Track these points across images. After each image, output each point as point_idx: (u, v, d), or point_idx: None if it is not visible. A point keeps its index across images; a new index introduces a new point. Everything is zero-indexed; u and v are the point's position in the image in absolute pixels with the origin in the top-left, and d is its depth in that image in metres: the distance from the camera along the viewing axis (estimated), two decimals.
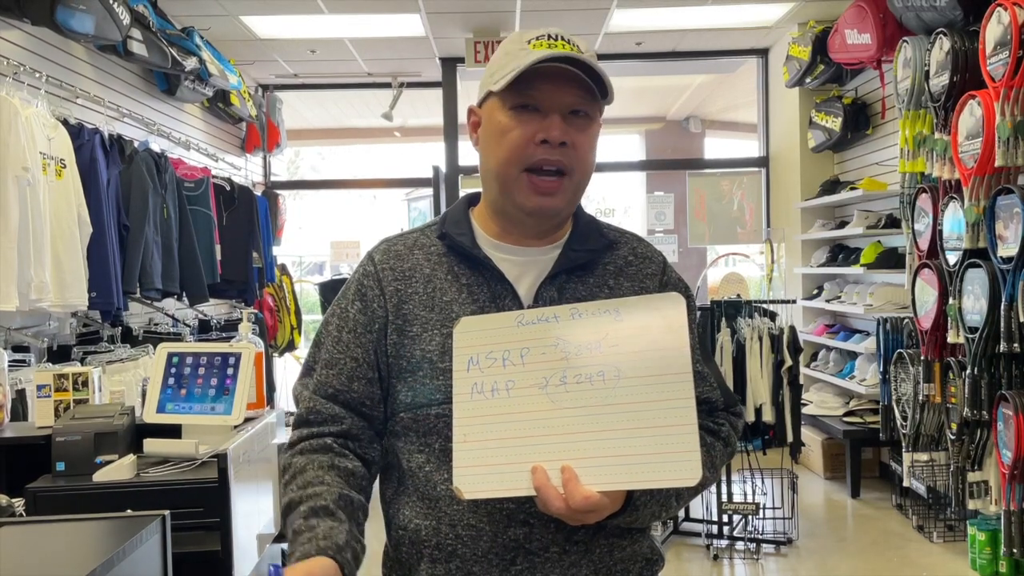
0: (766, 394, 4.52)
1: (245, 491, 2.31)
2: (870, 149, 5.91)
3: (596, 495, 1.12)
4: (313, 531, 1.19)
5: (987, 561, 3.96)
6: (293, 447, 1.34)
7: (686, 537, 4.69)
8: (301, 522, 1.21)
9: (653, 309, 1.19)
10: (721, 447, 1.36)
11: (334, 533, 1.19)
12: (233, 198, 5.67)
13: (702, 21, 6.23)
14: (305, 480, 1.26)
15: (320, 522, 1.20)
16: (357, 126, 10.25)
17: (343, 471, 1.29)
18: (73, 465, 2.17)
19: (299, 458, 1.30)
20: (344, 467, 1.29)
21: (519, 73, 1.25)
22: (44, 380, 2.51)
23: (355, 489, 1.29)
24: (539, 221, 1.34)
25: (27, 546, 1.29)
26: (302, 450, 1.32)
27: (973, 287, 3.75)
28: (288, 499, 1.26)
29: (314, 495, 1.23)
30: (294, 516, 1.23)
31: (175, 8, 5.32)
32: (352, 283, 1.39)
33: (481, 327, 1.22)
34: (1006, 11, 3.46)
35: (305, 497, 1.24)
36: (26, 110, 3.39)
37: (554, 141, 1.26)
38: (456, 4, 5.72)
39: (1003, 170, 3.62)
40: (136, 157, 4.27)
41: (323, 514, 1.21)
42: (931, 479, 4.40)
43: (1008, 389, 3.59)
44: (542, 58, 1.24)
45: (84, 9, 3.60)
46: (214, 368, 2.26)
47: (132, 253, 4.11)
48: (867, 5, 4.98)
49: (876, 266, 5.28)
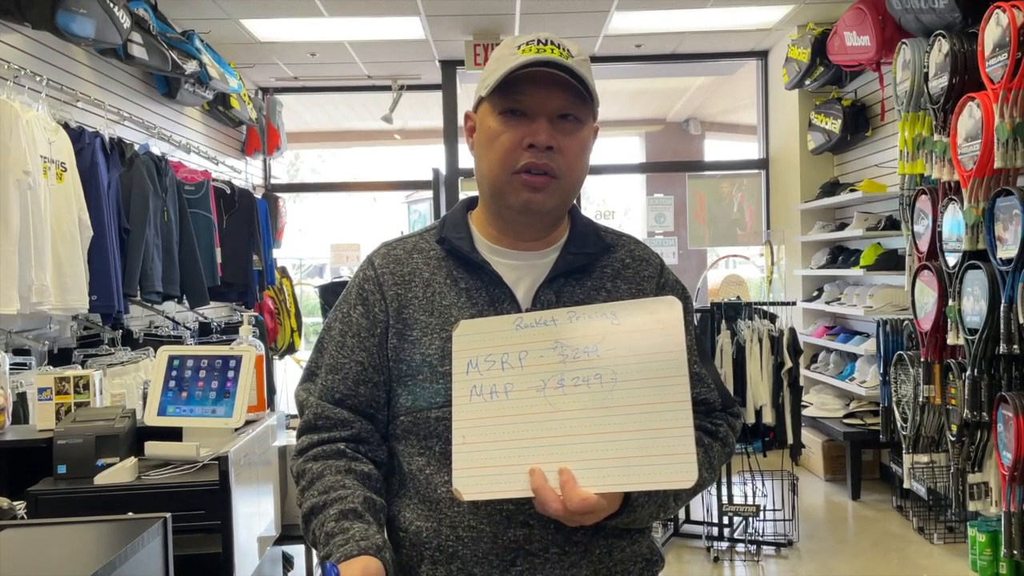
0: (766, 396, 4.52)
1: (246, 493, 2.31)
2: (870, 151, 5.92)
3: (593, 496, 1.13)
4: (347, 533, 1.21)
5: (987, 563, 3.96)
6: (304, 453, 1.34)
7: (686, 539, 4.69)
8: (333, 524, 1.22)
9: (649, 312, 1.20)
10: (719, 448, 1.36)
11: (370, 534, 1.21)
12: (233, 201, 5.67)
13: (701, 23, 6.24)
14: (326, 485, 1.28)
15: (352, 524, 1.22)
16: (357, 129, 10.26)
17: (360, 475, 1.30)
18: (74, 468, 2.17)
19: (314, 464, 1.31)
20: (360, 471, 1.31)
21: (502, 77, 1.26)
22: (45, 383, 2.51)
23: (374, 492, 1.30)
24: (531, 220, 1.35)
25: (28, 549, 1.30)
26: (315, 456, 1.32)
27: (973, 289, 3.75)
28: (311, 504, 1.27)
29: (340, 499, 1.25)
30: (323, 519, 1.24)
31: (175, 12, 5.33)
32: (353, 287, 1.40)
33: (480, 330, 1.23)
34: (1005, 13, 3.47)
35: (330, 501, 1.25)
36: (27, 114, 3.40)
37: (540, 145, 1.27)
38: (456, 7, 5.73)
39: (1002, 172, 3.62)
40: (136, 160, 4.27)
41: (353, 517, 1.23)
42: (931, 481, 4.40)
43: (1008, 390, 3.59)
44: (525, 63, 1.26)
45: (85, 13, 3.60)
46: (215, 371, 2.27)
47: (133, 256, 4.12)
48: (866, 7, 4.99)
49: (876, 268, 5.29)
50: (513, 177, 1.30)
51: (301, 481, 1.32)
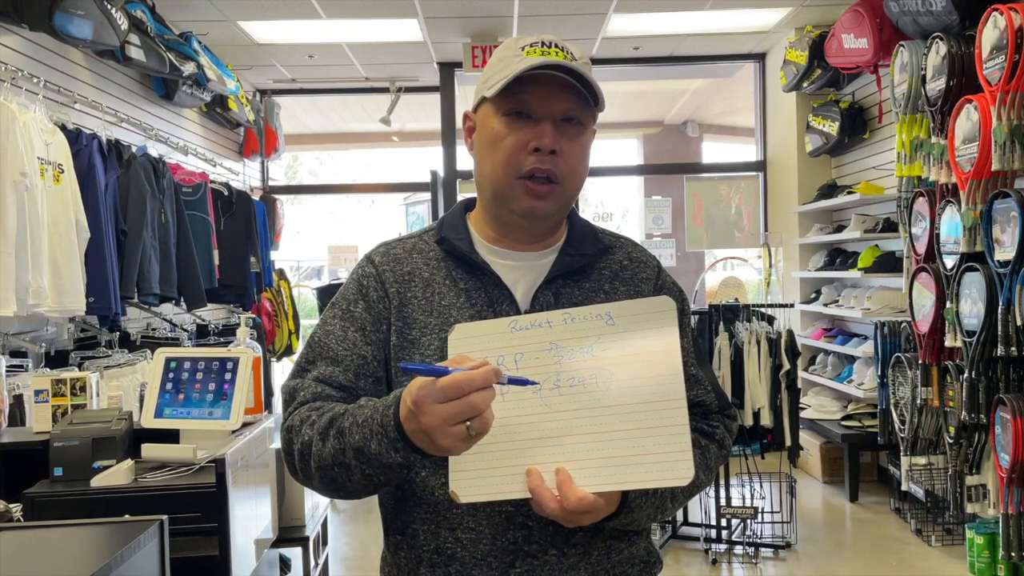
0: (764, 398, 4.52)
1: (243, 496, 2.31)
2: (867, 153, 5.93)
3: (591, 496, 1.13)
4: (375, 400, 1.16)
5: (985, 565, 3.97)
6: (298, 411, 1.26)
7: (685, 541, 4.69)
8: (364, 401, 1.17)
9: (644, 313, 1.20)
10: (715, 449, 1.36)
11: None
12: (231, 203, 5.67)
13: (699, 26, 6.25)
14: (335, 409, 1.21)
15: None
16: (355, 131, 10.26)
17: None
18: (71, 470, 2.17)
19: (315, 412, 1.23)
20: None
21: (511, 79, 1.25)
22: (42, 385, 2.51)
23: None
24: (532, 224, 1.34)
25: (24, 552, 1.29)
26: (318, 405, 1.24)
27: (970, 291, 3.75)
28: (330, 415, 1.19)
29: (357, 403, 1.20)
30: (351, 410, 1.17)
31: (173, 13, 5.32)
32: (351, 284, 1.37)
33: (475, 333, 1.23)
34: (1002, 15, 3.48)
35: (350, 406, 1.19)
36: (24, 115, 3.40)
37: (545, 149, 1.27)
38: (454, 9, 5.73)
39: (999, 174, 3.63)
40: (134, 162, 4.27)
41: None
42: (929, 483, 4.40)
43: (1006, 393, 3.60)
44: (534, 65, 1.25)
45: (82, 15, 3.60)
46: (212, 373, 2.26)
47: (130, 258, 4.11)
48: (864, 10, 5.00)
49: (874, 270, 5.29)
50: (516, 182, 1.29)
51: (304, 425, 1.22)
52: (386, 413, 1.11)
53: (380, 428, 1.12)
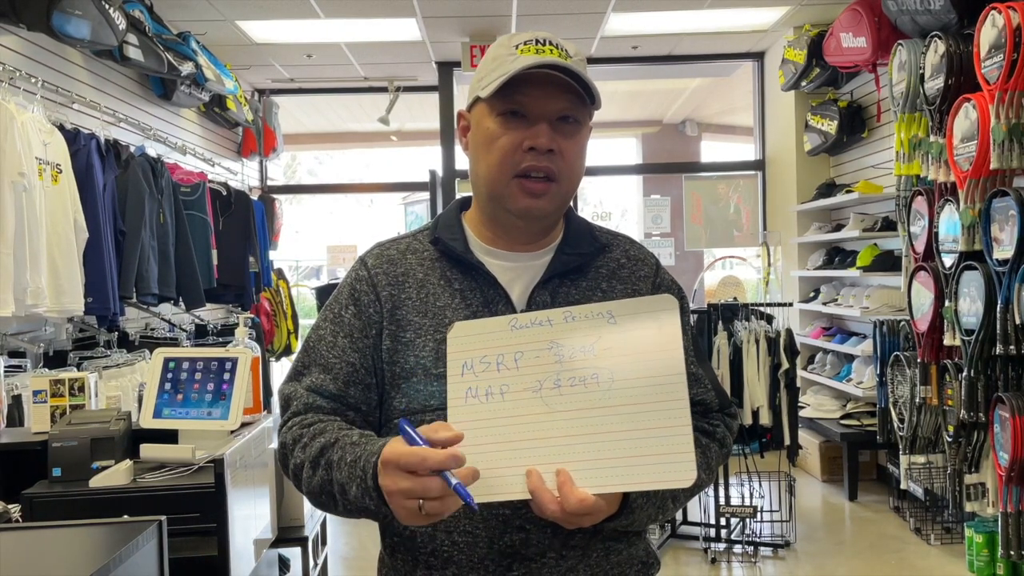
0: (763, 397, 4.52)
1: (242, 496, 2.31)
2: (866, 152, 5.93)
3: (591, 497, 1.12)
4: (372, 438, 1.19)
5: (984, 563, 3.97)
6: (291, 429, 1.28)
7: (684, 540, 4.69)
8: (357, 437, 1.20)
9: (645, 311, 1.19)
10: (716, 448, 1.35)
11: None
12: (229, 203, 5.67)
13: (698, 25, 6.25)
14: (334, 429, 1.24)
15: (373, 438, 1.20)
16: (354, 130, 10.26)
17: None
18: (69, 471, 2.17)
19: (308, 430, 1.26)
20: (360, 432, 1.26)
21: (506, 80, 1.24)
22: (40, 386, 2.51)
23: None
24: (528, 223, 1.33)
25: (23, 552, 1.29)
26: (310, 422, 1.27)
27: (969, 289, 3.76)
28: (321, 443, 1.22)
29: (350, 432, 1.22)
30: (342, 442, 1.20)
31: (171, 13, 5.32)
32: (345, 287, 1.37)
33: (475, 331, 1.22)
34: (1000, 14, 3.47)
35: (342, 434, 1.22)
36: (22, 115, 3.39)
37: (541, 148, 1.26)
38: (452, 8, 5.73)
39: (998, 173, 3.63)
40: (132, 162, 4.27)
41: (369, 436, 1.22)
42: (928, 481, 4.40)
43: (1004, 391, 3.60)
44: (529, 65, 1.24)
45: (80, 15, 3.60)
46: (211, 373, 2.26)
47: (128, 258, 4.11)
48: (862, 8, 5.00)
49: (872, 269, 5.29)
50: (512, 181, 1.28)
51: (298, 444, 1.25)
52: (368, 460, 1.14)
53: (361, 474, 1.15)
